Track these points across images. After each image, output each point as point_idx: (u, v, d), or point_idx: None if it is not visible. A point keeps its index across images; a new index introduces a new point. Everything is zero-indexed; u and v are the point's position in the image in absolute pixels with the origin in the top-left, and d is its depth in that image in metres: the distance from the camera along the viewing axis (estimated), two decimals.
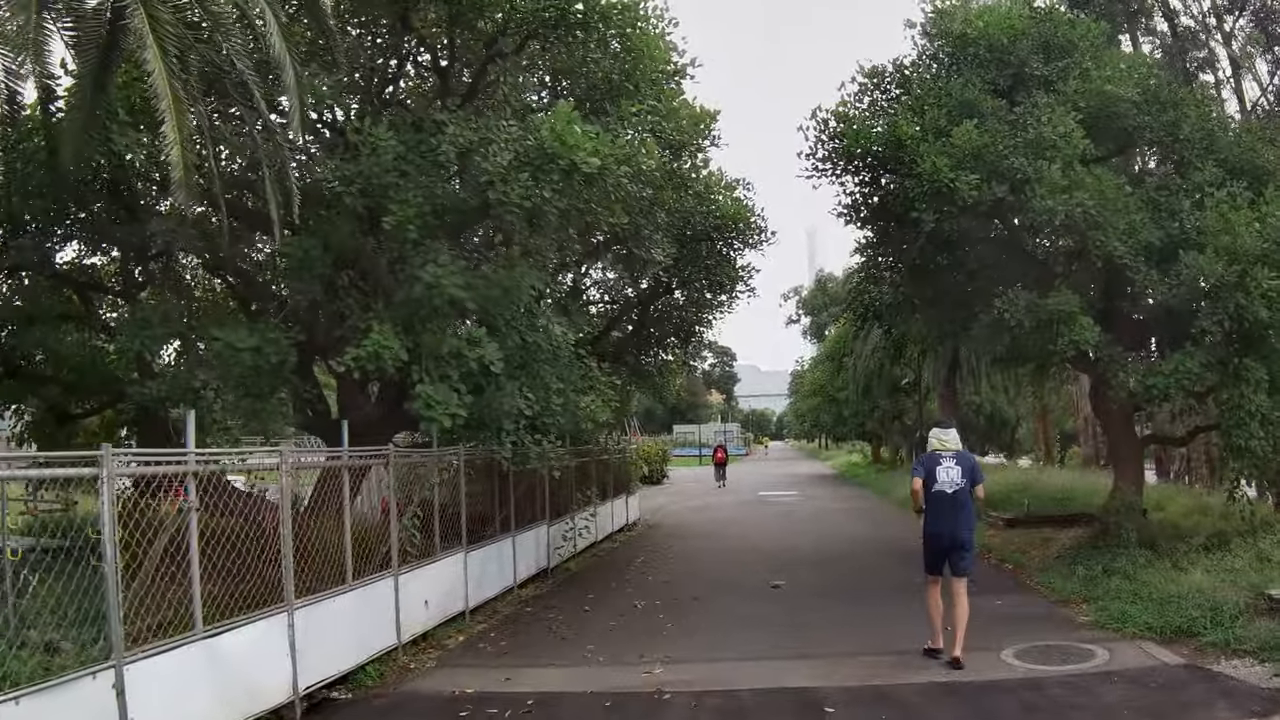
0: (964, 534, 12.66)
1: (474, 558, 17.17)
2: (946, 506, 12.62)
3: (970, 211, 17.42)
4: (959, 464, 12.68)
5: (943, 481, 12.59)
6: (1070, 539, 20.97)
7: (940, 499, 12.63)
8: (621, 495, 31.70)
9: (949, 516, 12.62)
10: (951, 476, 12.58)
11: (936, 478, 12.63)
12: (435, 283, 14.51)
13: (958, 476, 12.57)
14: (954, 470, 12.60)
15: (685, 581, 20.40)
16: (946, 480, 12.58)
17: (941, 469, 12.64)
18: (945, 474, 12.60)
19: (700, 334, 30.87)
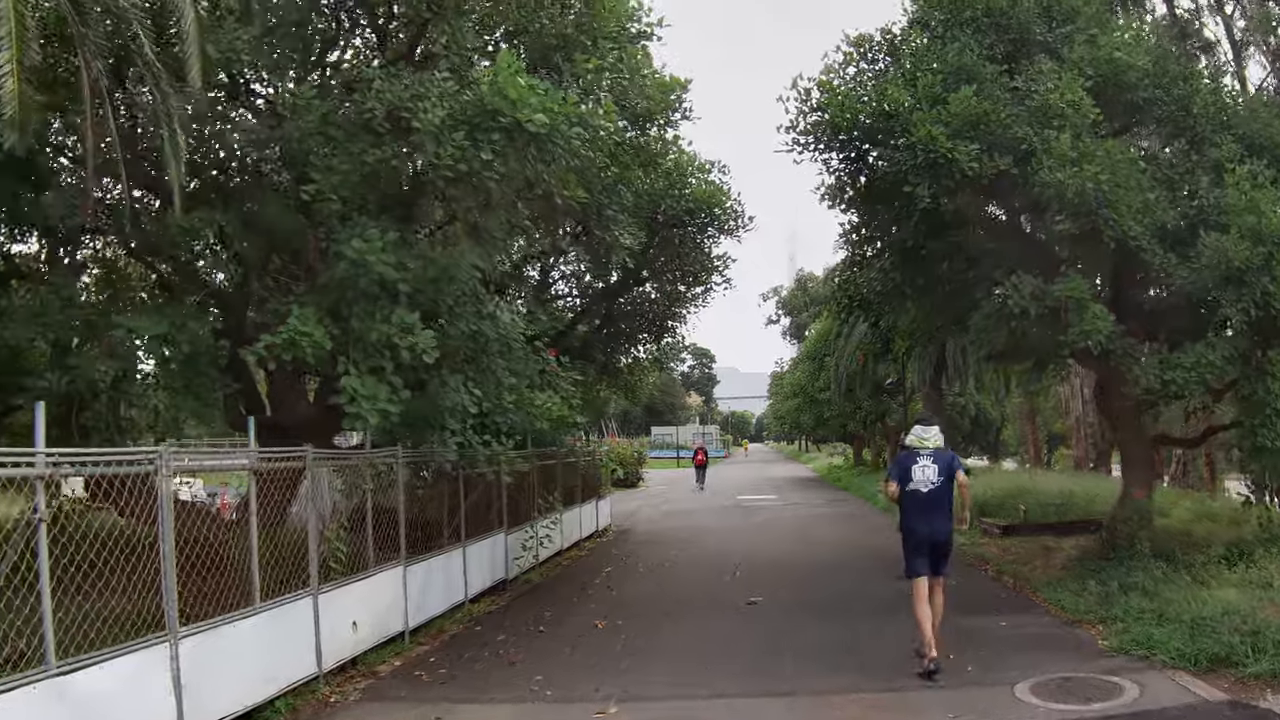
0: (940, 533, 12.36)
1: (416, 571, 15.49)
2: (922, 506, 12.25)
3: (970, 186, 15.78)
4: (936, 463, 12.27)
5: (918, 480, 12.22)
6: (1074, 548, 19.59)
7: (914, 499, 12.27)
8: (591, 500, 29.95)
9: (925, 516, 12.25)
10: (927, 475, 12.19)
11: (911, 477, 12.28)
12: (360, 260, 12.72)
13: (933, 475, 12.18)
14: (930, 469, 12.21)
15: (653, 596, 18.72)
16: (921, 479, 12.20)
17: (917, 468, 12.27)
18: (920, 473, 12.22)
19: (673, 329, 29.12)
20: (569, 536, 26.28)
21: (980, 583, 18.28)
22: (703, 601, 17.77)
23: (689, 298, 28.27)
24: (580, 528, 27.95)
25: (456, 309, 14.51)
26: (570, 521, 26.50)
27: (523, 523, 21.43)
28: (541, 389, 16.55)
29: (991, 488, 27.80)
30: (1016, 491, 26.51)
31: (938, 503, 12.27)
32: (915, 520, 12.31)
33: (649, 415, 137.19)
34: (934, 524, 12.25)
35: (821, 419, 64.70)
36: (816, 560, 22.71)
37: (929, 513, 12.24)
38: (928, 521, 12.23)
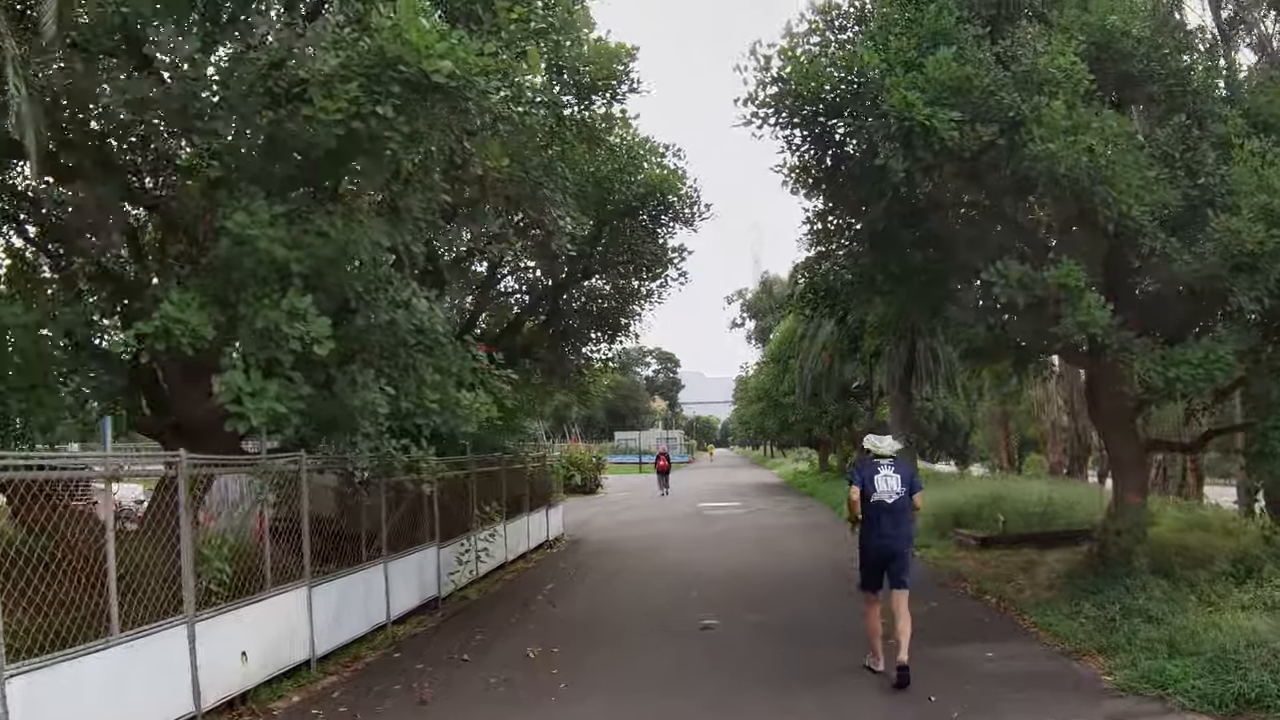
0: (902, 545, 12.05)
1: (324, 592, 13.80)
2: (886, 517, 11.87)
3: (949, 160, 14.08)
4: (898, 472, 12.01)
5: (882, 490, 11.87)
6: (1060, 563, 18.00)
7: (880, 509, 11.88)
8: (540, 508, 28.07)
9: (889, 527, 11.89)
10: (891, 485, 11.89)
11: (875, 486, 11.91)
12: (242, 235, 10.86)
13: (898, 485, 11.90)
14: (894, 479, 11.93)
15: (597, 617, 16.89)
16: (886, 489, 11.87)
17: (880, 477, 11.94)
18: (885, 482, 11.90)
19: (627, 327, 27.32)
20: (515, 548, 24.58)
21: (960, 604, 16.56)
22: (652, 624, 16.01)
23: (643, 293, 26.57)
24: (528, 538, 26.13)
25: (368, 296, 12.70)
26: (516, 532, 24.78)
27: (459, 535, 19.65)
28: (472, 388, 14.73)
29: (966, 495, 26.14)
30: (993, 499, 24.78)
31: (901, 514, 11.91)
32: (878, 531, 11.94)
33: (612, 420, 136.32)
34: (896, 535, 11.92)
35: (786, 423, 62.81)
36: (779, 575, 20.96)
37: (893, 524, 11.86)
38: (891, 532, 11.88)
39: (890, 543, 11.93)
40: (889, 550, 11.95)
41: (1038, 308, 13.97)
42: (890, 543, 11.93)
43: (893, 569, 11.99)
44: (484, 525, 20.36)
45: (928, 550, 22.65)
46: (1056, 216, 15.60)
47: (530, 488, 26.82)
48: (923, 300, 17.49)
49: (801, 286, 21.20)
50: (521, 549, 25.28)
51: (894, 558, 11.96)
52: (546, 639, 14.80)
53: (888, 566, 12.02)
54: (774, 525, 33.43)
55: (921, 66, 13.75)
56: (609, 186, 21.11)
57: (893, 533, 11.91)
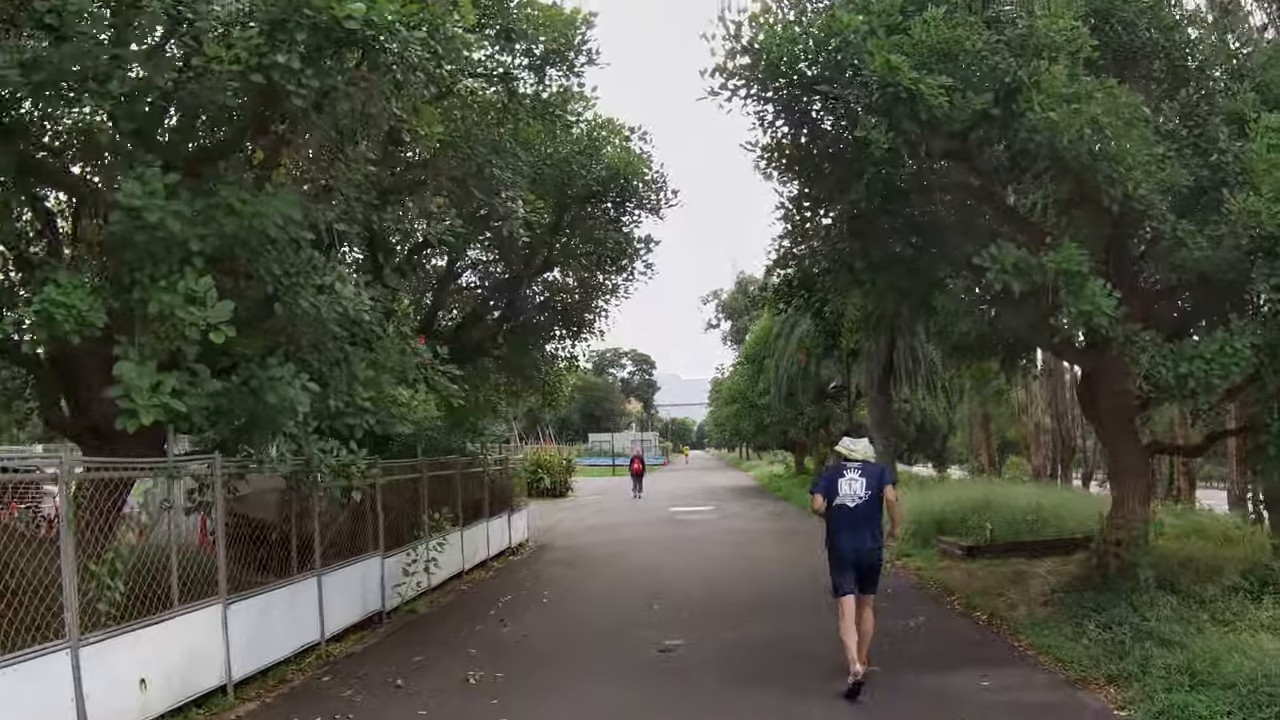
0: (871, 550, 11.70)
1: (244, 610, 12.45)
2: (849, 521, 11.59)
3: (937, 134, 12.76)
4: (864, 475, 11.69)
5: (844, 495, 11.64)
6: (1054, 575, 16.79)
7: (842, 513, 11.65)
8: (502, 514, 26.71)
9: (853, 532, 11.59)
10: (854, 489, 11.61)
11: (838, 490, 11.69)
12: (133, 208, 9.45)
13: (861, 489, 11.59)
14: (858, 483, 11.63)
15: (551, 634, 15.44)
16: (849, 493, 11.62)
17: (844, 481, 11.70)
18: (847, 486, 11.65)
19: (592, 322, 25.96)
20: (474, 555, 23.24)
21: (948, 621, 15.18)
22: (609, 644, 14.58)
23: (609, 288, 25.22)
24: (488, 545, 24.72)
25: (287, 281, 11.29)
26: (475, 539, 23.41)
27: (408, 543, 18.29)
28: (414, 385, 13.36)
29: (949, 500, 24.74)
30: (978, 505, 23.39)
31: (866, 518, 11.61)
32: (843, 536, 11.64)
33: (587, 422, 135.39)
34: (861, 540, 11.59)
35: (761, 425, 61.15)
36: (752, 585, 19.56)
37: (857, 529, 11.57)
38: (855, 538, 11.57)
39: (853, 547, 11.58)
40: (854, 555, 11.59)
41: (1033, 297, 12.68)
42: (853, 547, 11.58)
43: (861, 573, 11.66)
44: (437, 532, 18.88)
45: (910, 560, 21.38)
46: (1055, 197, 14.30)
47: (490, 492, 25.51)
48: (906, 291, 16.15)
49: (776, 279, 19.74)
50: (481, 556, 23.90)
51: (861, 562, 11.63)
52: (491, 661, 13.38)
53: (856, 572, 11.64)
54: (747, 530, 32.08)
55: (907, 29, 12.41)
56: (568, 170, 19.80)
57: (858, 536, 11.58)
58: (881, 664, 11.87)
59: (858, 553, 11.59)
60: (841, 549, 11.65)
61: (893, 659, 12.30)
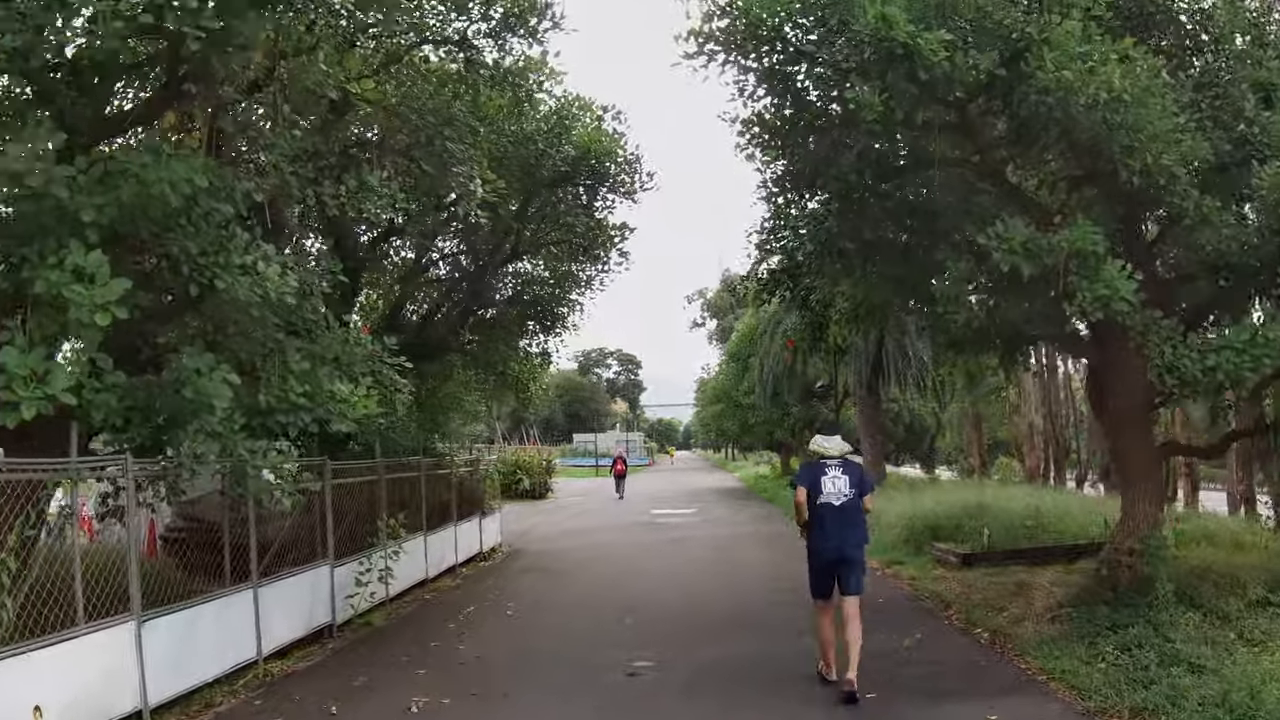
0: (854, 550, 11.34)
1: (162, 627, 11.09)
2: (834, 520, 11.23)
3: (936, 100, 11.50)
4: (846, 473, 11.38)
5: (829, 492, 11.27)
6: (1059, 586, 15.49)
7: (827, 512, 11.26)
8: (472, 517, 25.32)
9: (837, 531, 11.21)
10: (839, 486, 11.27)
11: (822, 488, 11.30)
12: (11, 172, 8.13)
13: (845, 486, 11.28)
14: (841, 480, 11.31)
15: (508, 655, 13.99)
16: (834, 491, 11.26)
17: (828, 478, 11.32)
18: (832, 484, 11.29)
19: (564, 316, 24.63)
20: (440, 561, 21.88)
21: (947, 640, 13.80)
22: (572, 665, 13.12)
23: (582, 279, 23.91)
24: (456, 550, 23.29)
25: (204, 259, 9.97)
26: (441, 544, 22.08)
27: (363, 550, 16.91)
28: (357, 379, 12.04)
29: (943, 504, 23.43)
30: (973, 508, 22.13)
31: (851, 516, 11.27)
32: (826, 535, 11.24)
33: (572, 422, 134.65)
34: (845, 539, 11.22)
35: (746, 425, 59.58)
36: (732, 596, 18.20)
37: (841, 527, 11.20)
38: (839, 536, 11.18)
39: (837, 546, 11.22)
40: (838, 555, 11.23)
41: (1042, 282, 11.44)
42: (837, 546, 11.22)
43: (843, 573, 11.27)
44: (394, 539, 17.55)
45: (902, 568, 20.08)
46: (1064, 174, 13.04)
47: (459, 495, 24.13)
48: (899, 278, 14.83)
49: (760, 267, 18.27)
50: (448, 562, 22.55)
51: (844, 562, 11.26)
52: (440, 685, 12.01)
53: (838, 571, 11.28)
54: (730, 535, 30.52)
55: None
56: (534, 150, 18.50)
57: (841, 536, 11.21)
58: (875, 690, 10.77)
59: (841, 552, 11.21)
60: (825, 548, 11.28)
61: (886, 685, 11.00)
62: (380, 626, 16.52)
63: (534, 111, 18.52)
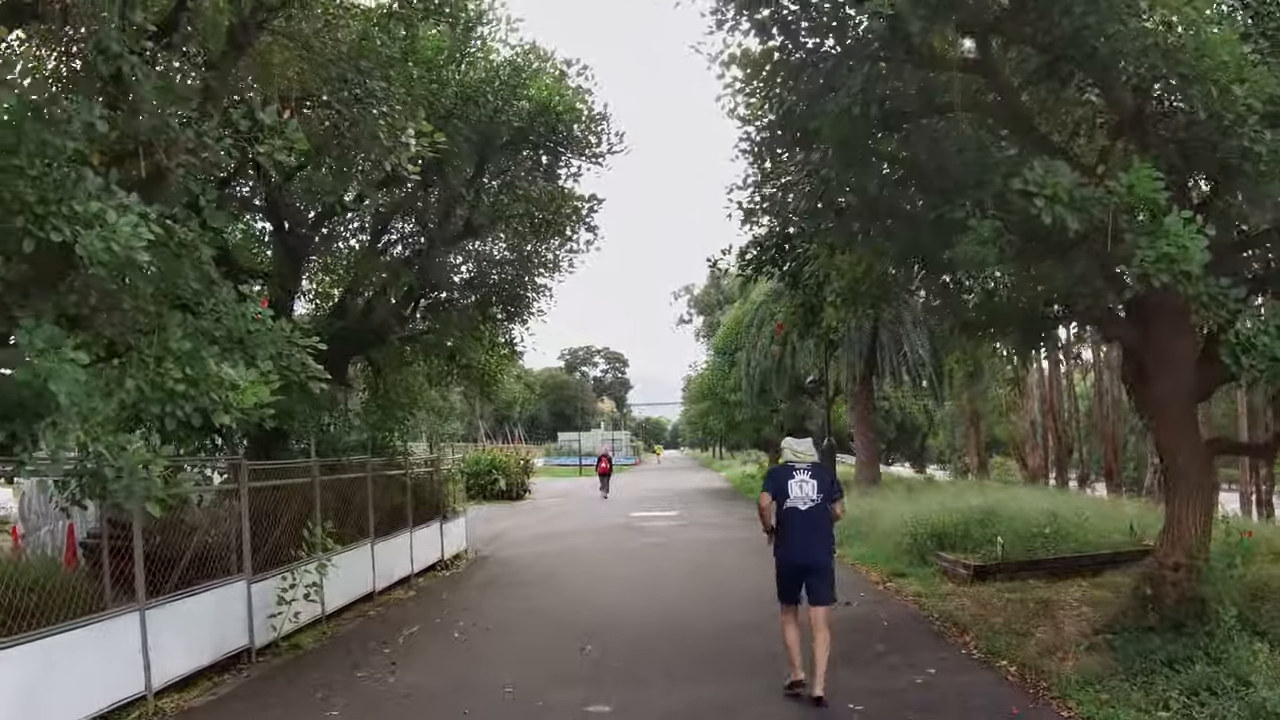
0: (821, 556, 10.90)
1: (13, 659, 9.10)
2: (800, 525, 10.86)
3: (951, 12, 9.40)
4: (814, 478, 11.02)
5: (795, 497, 10.91)
6: (1088, 604, 13.89)
7: (793, 517, 10.90)
8: (432, 522, 23.09)
9: (802, 537, 10.83)
10: (806, 491, 10.91)
11: (789, 492, 10.95)
12: None
13: (813, 491, 10.91)
14: (809, 484, 10.95)
15: (441, 692, 11.67)
16: (800, 495, 10.90)
17: (794, 483, 10.98)
18: (799, 488, 10.94)
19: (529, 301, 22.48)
20: (391, 572, 19.72)
21: (966, 676, 11.44)
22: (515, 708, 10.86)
23: (549, 259, 21.75)
24: (412, 559, 21.10)
25: (42, 207, 7.84)
26: (393, 553, 19.89)
27: (290, 563, 14.74)
28: (254, 362, 9.88)
29: (947, 508, 21.18)
30: (981, 513, 19.96)
31: (817, 522, 10.93)
32: (793, 541, 10.93)
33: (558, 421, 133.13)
34: (812, 546, 10.90)
35: (733, 423, 57.26)
36: (715, 615, 15.92)
37: (807, 533, 10.87)
38: (805, 542, 10.87)
39: (807, 553, 10.88)
40: (806, 561, 10.89)
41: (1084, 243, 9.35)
42: (807, 553, 10.88)
43: (811, 582, 10.86)
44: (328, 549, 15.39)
45: (906, 582, 17.91)
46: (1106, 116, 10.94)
47: (416, 498, 21.99)
48: (906, 243, 12.57)
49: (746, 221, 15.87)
50: (402, 572, 20.40)
51: (812, 570, 10.87)
52: None
53: (806, 579, 10.89)
54: (714, 540, 28.11)
55: None
56: (485, 106, 16.34)
57: (807, 541, 10.87)
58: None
59: (809, 558, 10.87)
60: (792, 554, 10.95)
61: None
62: (309, 650, 14.42)
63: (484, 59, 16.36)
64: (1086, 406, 45.38)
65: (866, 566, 20.25)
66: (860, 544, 22.84)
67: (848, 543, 23.38)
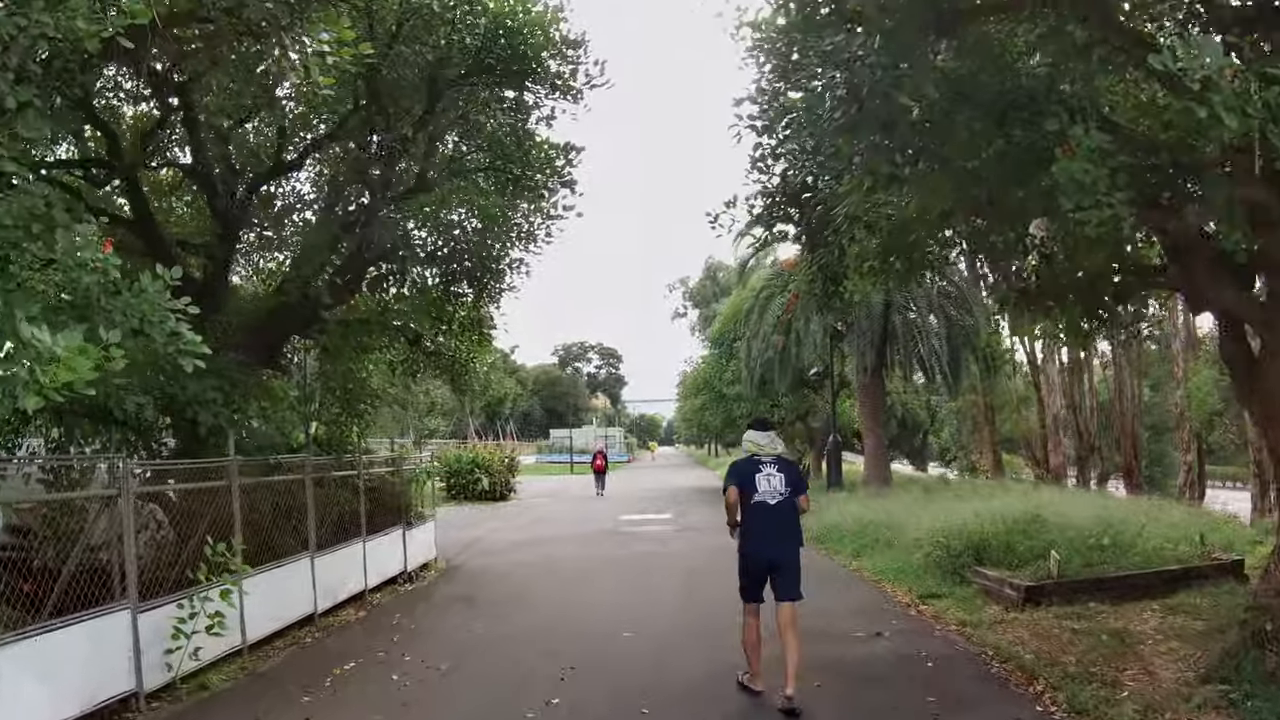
0: (790, 551, 10.54)
1: None
2: (768, 520, 10.48)
3: None
4: (782, 471, 10.66)
5: (764, 491, 10.51)
6: (1175, 637, 11.50)
7: (761, 512, 10.51)
8: (393, 529, 20.21)
9: (771, 532, 10.48)
10: (774, 485, 10.54)
11: (756, 486, 10.54)
12: None
13: (781, 485, 10.55)
14: (776, 478, 10.58)
15: None
16: (769, 490, 10.51)
17: (762, 476, 10.59)
18: (766, 482, 10.55)
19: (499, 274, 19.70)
20: (337, 589, 16.89)
21: None
22: None
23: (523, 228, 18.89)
24: (365, 572, 18.27)
25: None
26: (339, 567, 17.04)
27: (197, 585, 11.94)
28: (88, 325, 7.18)
29: (980, 514, 18.26)
30: (1027, 522, 17.09)
31: (785, 517, 10.50)
32: (760, 537, 10.49)
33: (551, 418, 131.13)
34: (781, 541, 10.46)
35: (730, 418, 53.27)
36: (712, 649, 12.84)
37: (776, 528, 10.43)
38: (774, 538, 10.44)
39: (772, 549, 10.51)
40: (773, 558, 10.49)
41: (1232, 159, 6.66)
42: (772, 549, 10.51)
43: (778, 579, 10.47)
44: (234, 571, 12.61)
45: (942, 605, 15.10)
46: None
47: (373, 503, 19.21)
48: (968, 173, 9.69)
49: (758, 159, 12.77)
50: (354, 587, 17.68)
51: (779, 566, 10.48)
52: None
53: (772, 576, 10.50)
54: (710, 549, 23.37)
55: None
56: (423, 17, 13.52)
57: (775, 537, 10.50)
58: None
59: (776, 555, 10.49)
60: (759, 551, 10.58)
61: None
62: (217, 692, 11.74)
63: None
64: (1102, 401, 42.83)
65: (891, 584, 17.44)
66: (880, 555, 20.04)
67: (865, 553, 20.63)
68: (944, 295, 32.68)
